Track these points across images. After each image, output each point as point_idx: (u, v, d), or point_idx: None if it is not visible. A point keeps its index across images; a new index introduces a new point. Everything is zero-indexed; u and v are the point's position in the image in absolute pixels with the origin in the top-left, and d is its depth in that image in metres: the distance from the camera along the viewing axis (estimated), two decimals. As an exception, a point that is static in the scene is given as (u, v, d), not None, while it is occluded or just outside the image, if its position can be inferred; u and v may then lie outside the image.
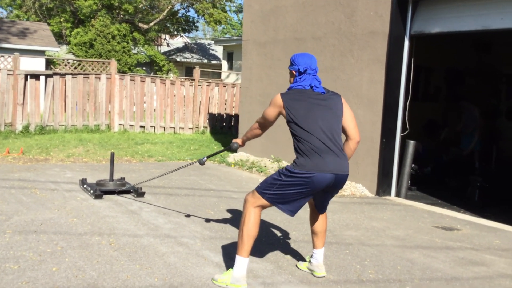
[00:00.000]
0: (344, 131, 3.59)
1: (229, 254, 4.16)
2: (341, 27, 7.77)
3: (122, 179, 6.63)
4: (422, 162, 8.81)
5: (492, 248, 4.89)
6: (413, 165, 7.87)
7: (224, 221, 5.27)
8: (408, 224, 5.61)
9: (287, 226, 5.22)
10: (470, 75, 11.20)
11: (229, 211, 5.73)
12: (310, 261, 3.85)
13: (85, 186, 6.29)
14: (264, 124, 3.79)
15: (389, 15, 6.99)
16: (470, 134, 9.29)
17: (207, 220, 5.19)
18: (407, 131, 7.35)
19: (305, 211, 5.05)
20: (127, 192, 6.23)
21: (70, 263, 3.70)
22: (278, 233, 4.95)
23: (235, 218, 5.40)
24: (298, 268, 3.92)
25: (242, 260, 3.44)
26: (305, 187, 3.34)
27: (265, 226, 5.15)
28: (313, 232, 3.82)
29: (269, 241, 4.65)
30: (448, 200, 7.30)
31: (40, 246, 4.05)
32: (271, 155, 9.20)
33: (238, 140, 4.20)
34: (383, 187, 7.19)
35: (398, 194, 7.23)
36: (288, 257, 4.20)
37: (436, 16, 6.77)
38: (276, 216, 5.60)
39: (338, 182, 3.42)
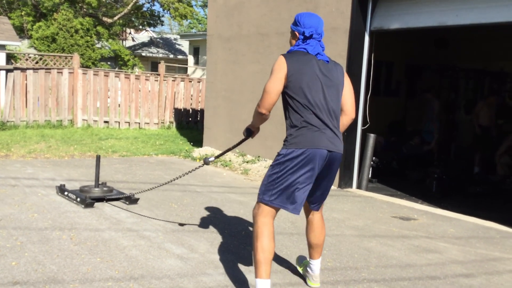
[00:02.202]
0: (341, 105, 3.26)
1: (191, 246, 4.22)
2: (304, 23, 7.86)
3: (104, 183, 5.88)
4: (383, 155, 9.03)
5: (446, 236, 5.08)
6: (374, 158, 8.08)
7: (187, 214, 5.31)
8: (368, 215, 5.77)
9: (249, 218, 5.29)
10: (429, 70, 11.52)
11: (192, 204, 5.77)
12: (306, 269, 3.54)
13: (66, 193, 5.61)
14: (268, 101, 3.12)
15: (349, 11, 7.13)
16: (431, 132, 9.64)
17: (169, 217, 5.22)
18: (367, 125, 7.52)
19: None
20: (117, 199, 5.63)
21: (30, 258, 3.69)
22: (241, 226, 5.01)
23: (198, 211, 5.45)
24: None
25: (263, 283, 3.01)
26: (303, 168, 2.99)
27: (228, 218, 5.22)
28: (309, 245, 3.48)
29: (232, 233, 4.72)
30: (407, 192, 7.51)
31: (-1, 241, 4.02)
32: (236, 150, 9.26)
33: (250, 126, 3.60)
34: (344, 180, 7.35)
35: (359, 186, 7.40)
36: (249, 248, 4.27)
37: (395, 12, 6.95)
38: (239, 209, 5.67)
39: (332, 160, 3.09)
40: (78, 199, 5.39)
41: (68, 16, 22.64)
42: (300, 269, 3.65)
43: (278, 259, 4.03)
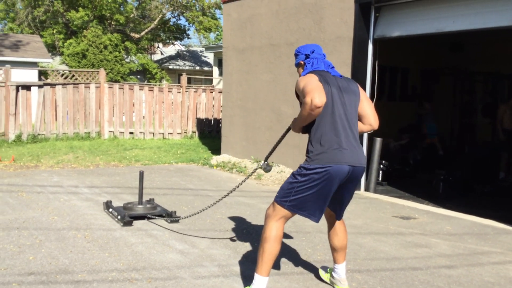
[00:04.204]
0: (360, 118, 3.33)
1: (193, 242, 4.58)
2: (311, 33, 8.21)
3: (152, 200, 5.83)
4: (396, 158, 9.24)
5: (441, 233, 5.30)
6: (383, 161, 8.32)
7: (194, 215, 5.67)
8: (369, 215, 6.03)
9: (253, 219, 5.62)
10: (445, 74, 11.66)
11: (202, 207, 6.11)
12: (331, 275, 3.63)
13: (110, 210, 5.54)
14: (319, 92, 2.94)
15: (353, 21, 7.43)
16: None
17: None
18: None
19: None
20: (159, 216, 5.42)
21: (46, 253, 4.12)
22: (244, 225, 5.35)
23: (206, 212, 5.81)
24: (320, 277, 3.77)
25: (261, 280, 3.22)
26: (324, 183, 3.06)
27: (232, 218, 5.56)
28: (333, 248, 3.53)
29: (234, 231, 5.06)
30: (415, 193, 7.70)
31: (20, 240, 4.47)
32: (251, 156, 9.62)
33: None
34: (352, 183, 7.59)
35: (367, 189, 7.64)
36: (247, 244, 4.61)
37: (396, 21, 7.21)
38: (245, 210, 6.02)
39: (355, 174, 3.16)
40: (119, 217, 5.23)
41: (97, 32, 23.55)
42: (326, 278, 3.71)
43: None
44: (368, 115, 3.32)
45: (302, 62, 3.33)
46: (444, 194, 7.51)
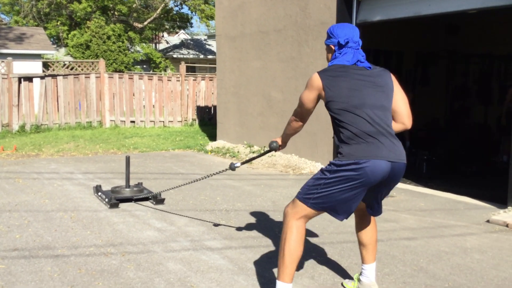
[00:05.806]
0: (392, 115, 2.95)
1: (172, 221, 4.87)
2: (297, 20, 8.40)
3: (140, 184, 6.17)
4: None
5: (413, 209, 5.53)
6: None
7: (179, 197, 5.96)
8: (348, 194, 6.26)
9: (236, 199, 5.89)
10: (440, 57, 11.76)
11: (188, 189, 6.40)
12: (359, 280, 3.27)
13: (99, 194, 5.85)
14: (302, 114, 3.15)
15: (335, 6, 7.62)
16: None
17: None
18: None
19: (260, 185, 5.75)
20: (145, 199, 5.72)
21: (32, 232, 4.43)
22: (224, 205, 5.61)
23: (191, 194, 6.09)
24: None
25: (285, 286, 2.89)
26: (357, 181, 2.72)
27: (214, 200, 5.84)
28: (361, 244, 3.22)
29: (213, 211, 5.33)
30: (400, 174, 7.90)
31: (10, 221, 4.79)
32: (244, 141, 9.88)
33: (278, 139, 3.50)
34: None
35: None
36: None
37: (377, 5, 7.38)
38: (230, 191, 6.29)
39: (395, 172, 2.79)
40: (106, 200, 5.55)
41: (100, 23, 23.85)
42: (354, 286, 3.34)
43: (262, 233, 4.62)
44: (401, 112, 2.96)
45: (332, 48, 3.01)
46: (428, 174, 7.73)
